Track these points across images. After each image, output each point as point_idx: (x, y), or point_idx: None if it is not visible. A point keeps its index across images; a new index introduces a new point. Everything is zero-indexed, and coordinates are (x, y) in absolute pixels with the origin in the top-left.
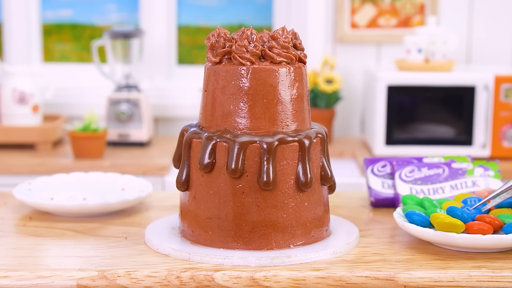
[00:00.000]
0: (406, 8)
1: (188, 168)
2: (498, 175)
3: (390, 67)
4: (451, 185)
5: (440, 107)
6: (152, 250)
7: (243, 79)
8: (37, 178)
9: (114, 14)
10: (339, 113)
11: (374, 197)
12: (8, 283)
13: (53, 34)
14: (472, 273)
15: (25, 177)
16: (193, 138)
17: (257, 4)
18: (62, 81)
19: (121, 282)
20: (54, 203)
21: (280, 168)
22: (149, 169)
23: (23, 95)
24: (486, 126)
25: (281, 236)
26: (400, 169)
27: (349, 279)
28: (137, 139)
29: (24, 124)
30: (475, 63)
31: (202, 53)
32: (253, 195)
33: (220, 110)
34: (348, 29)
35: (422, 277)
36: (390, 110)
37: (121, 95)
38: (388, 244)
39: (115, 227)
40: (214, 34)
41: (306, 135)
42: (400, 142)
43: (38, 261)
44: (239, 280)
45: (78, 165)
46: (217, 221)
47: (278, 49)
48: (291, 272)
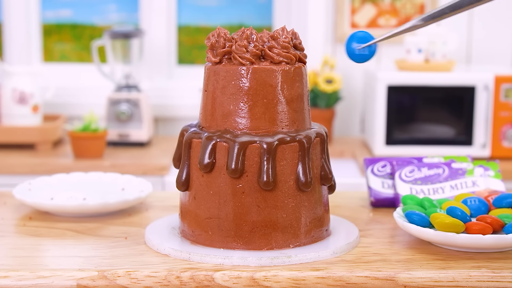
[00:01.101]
0: (406, 8)
1: (188, 168)
2: (498, 175)
3: (390, 67)
4: (451, 185)
5: (440, 107)
6: (152, 250)
7: (243, 79)
8: (37, 178)
9: (114, 14)
10: (339, 113)
11: (374, 197)
12: (8, 283)
13: (53, 34)
14: (472, 273)
15: (25, 177)
16: (193, 138)
17: (257, 4)
18: (62, 81)
19: (121, 282)
20: (54, 203)
21: (280, 168)
22: (149, 169)
23: (23, 95)
24: (486, 126)
25: (281, 236)
26: (400, 169)
27: (349, 279)
28: (137, 139)
29: (24, 124)
30: (475, 63)
31: (202, 53)
32: (253, 195)
33: (220, 110)
34: (348, 29)
35: (422, 277)
36: (390, 110)
37: (121, 95)
38: (388, 244)
39: (115, 227)
40: (214, 34)
41: (306, 135)
42: (400, 142)
43: (38, 261)
44: (239, 280)
45: (78, 165)
46: (217, 221)
47: (278, 49)
48: (291, 272)
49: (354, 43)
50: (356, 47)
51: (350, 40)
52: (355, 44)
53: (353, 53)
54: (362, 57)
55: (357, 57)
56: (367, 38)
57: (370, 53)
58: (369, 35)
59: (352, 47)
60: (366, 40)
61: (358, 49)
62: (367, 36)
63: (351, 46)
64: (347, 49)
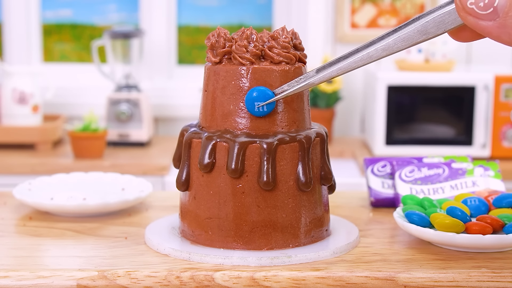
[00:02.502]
0: (406, 8)
1: (188, 168)
2: (498, 175)
3: (390, 67)
4: (451, 185)
5: (440, 107)
6: (152, 250)
7: (243, 79)
8: (37, 178)
9: (114, 14)
10: (339, 113)
11: (374, 197)
12: (8, 283)
13: (53, 34)
14: (472, 273)
15: (25, 177)
16: (193, 138)
17: (257, 4)
18: (62, 81)
19: (121, 282)
20: (54, 203)
21: (280, 168)
22: (149, 169)
23: (23, 95)
24: (486, 126)
25: (281, 236)
26: (400, 169)
27: (349, 279)
28: (137, 139)
29: (24, 124)
30: (475, 63)
31: (202, 53)
32: (253, 195)
33: (220, 110)
34: (348, 29)
35: (422, 277)
36: (390, 110)
37: (121, 95)
38: (388, 244)
39: (115, 227)
40: (214, 34)
41: (306, 135)
42: (400, 142)
43: (38, 261)
44: (239, 280)
45: (78, 165)
46: (217, 221)
47: (278, 49)
48: (291, 272)
49: (254, 99)
50: (255, 104)
51: (250, 96)
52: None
53: (253, 110)
54: (261, 113)
55: (256, 113)
56: (265, 95)
57: (268, 110)
58: (268, 91)
59: (251, 104)
60: (265, 96)
61: (258, 106)
62: (266, 93)
63: (251, 102)
64: (247, 104)
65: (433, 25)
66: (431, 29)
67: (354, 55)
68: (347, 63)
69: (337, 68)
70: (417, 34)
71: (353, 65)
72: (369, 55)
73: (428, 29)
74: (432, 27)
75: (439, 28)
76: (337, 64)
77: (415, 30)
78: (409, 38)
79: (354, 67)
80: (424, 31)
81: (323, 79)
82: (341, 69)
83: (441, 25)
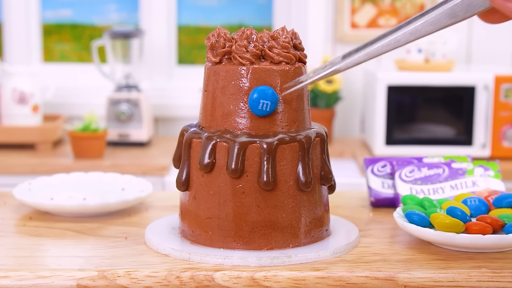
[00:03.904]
0: (406, 8)
1: (188, 168)
2: (498, 175)
3: (390, 67)
4: (451, 185)
5: (440, 107)
6: (152, 250)
7: (243, 79)
8: (37, 178)
9: (114, 14)
10: (339, 113)
11: (374, 197)
12: (8, 283)
13: (53, 34)
14: (472, 273)
15: (25, 177)
16: (193, 138)
17: (257, 4)
18: (62, 81)
19: (121, 282)
20: (54, 203)
21: (280, 168)
22: (149, 169)
23: (23, 95)
24: (486, 126)
25: (281, 236)
26: (400, 169)
27: (349, 279)
28: (137, 139)
29: (24, 124)
30: (475, 63)
31: (202, 53)
32: (253, 195)
33: (220, 110)
34: (348, 29)
35: (422, 277)
36: (390, 110)
37: (121, 95)
38: (388, 244)
39: (115, 227)
40: (214, 34)
41: (306, 135)
42: (400, 142)
43: (38, 261)
44: (239, 280)
45: (78, 165)
46: (217, 221)
47: (278, 49)
48: (291, 272)
49: (257, 97)
50: (261, 103)
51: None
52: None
53: (256, 109)
54: (263, 112)
55: (258, 112)
56: (270, 94)
57: (271, 110)
58: (272, 91)
59: (255, 102)
60: (268, 96)
61: (260, 106)
62: (270, 93)
63: (254, 100)
64: (250, 103)
65: (461, 8)
66: (459, 12)
67: (381, 40)
68: (374, 48)
69: (364, 54)
70: (445, 17)
71: (380, 50)
72: (396, 40)
73: (457, 12)
74: (461, 10)
75: (468, 11)
76: (364, 50)
77: (443, 13)
78: (438, 21)
79: (381, 52)
80: (453, 14)
81: (350, 65)
82: (368, 54)
83: (470, 8)
